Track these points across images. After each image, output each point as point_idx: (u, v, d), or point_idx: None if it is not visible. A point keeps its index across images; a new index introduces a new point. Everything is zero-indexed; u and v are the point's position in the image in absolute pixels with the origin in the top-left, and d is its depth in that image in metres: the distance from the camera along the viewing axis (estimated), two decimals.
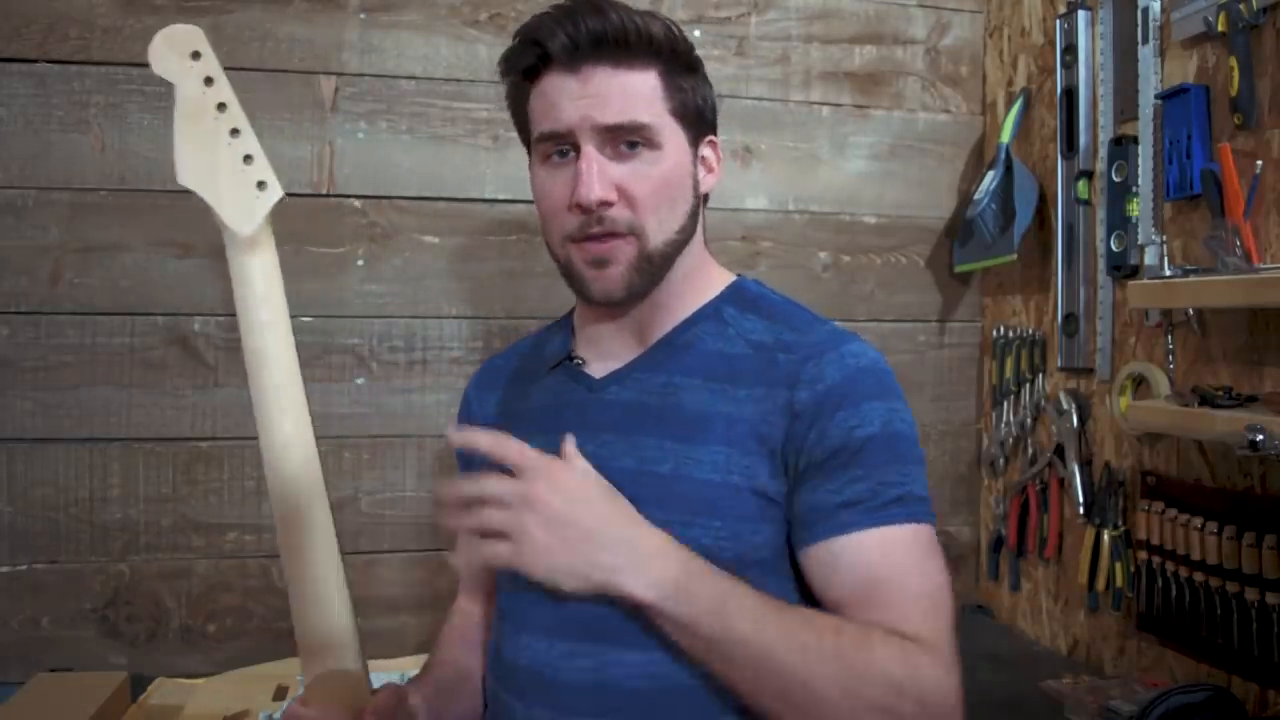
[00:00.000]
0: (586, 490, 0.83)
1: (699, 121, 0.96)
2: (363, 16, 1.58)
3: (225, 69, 1.53)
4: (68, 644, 1.48)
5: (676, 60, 0.93)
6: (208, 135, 0.85)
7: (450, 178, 1.61)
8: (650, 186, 0.90)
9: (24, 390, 1.47)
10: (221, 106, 0.85)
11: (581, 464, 0.85)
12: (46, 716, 1.23)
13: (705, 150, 0.98)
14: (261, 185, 0.86)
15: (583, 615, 0.85)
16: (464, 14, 1.61)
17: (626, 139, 0.89)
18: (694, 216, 0.96)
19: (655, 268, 0.92)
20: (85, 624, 1.49)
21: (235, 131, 0.85)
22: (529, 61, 0.91)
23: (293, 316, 1.54)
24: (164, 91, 1.52)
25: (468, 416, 1.10)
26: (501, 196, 1.62)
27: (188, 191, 1.54)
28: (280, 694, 1.36)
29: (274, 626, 1.55)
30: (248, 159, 0.85)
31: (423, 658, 1.20)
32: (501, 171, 1.61)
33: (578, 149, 0.89)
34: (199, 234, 1.53)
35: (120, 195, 1.50)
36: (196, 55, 0.86)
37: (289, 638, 1.55)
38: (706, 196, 1.01)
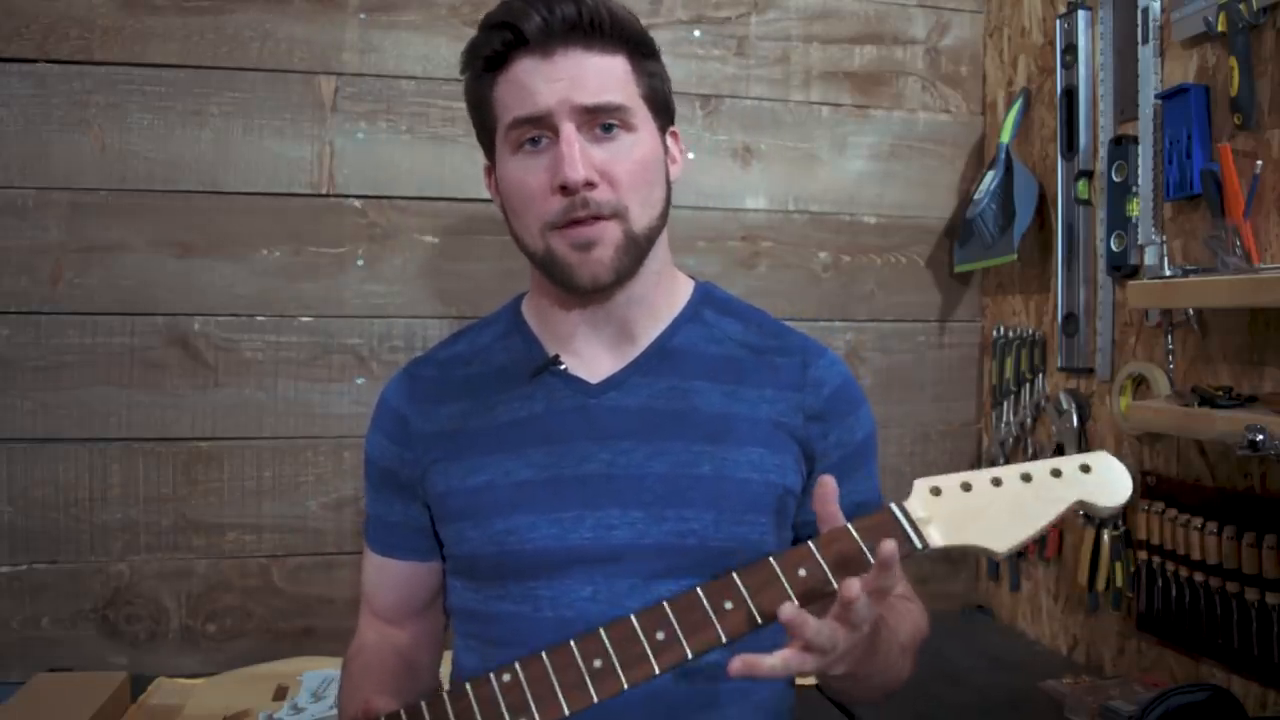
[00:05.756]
0: None
1: (665, 110, 0.95)
2: (363, 16, 1.58)
3: (225, 69, 1.55)
4: (68, 644, 1.49)
5: (642, 46, 0.91)
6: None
7: (450, 178, 1.61)
8: (630, 168, 0.88)
9: (24, 390, 1.47)
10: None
11: None
12: (46, 716, 1.23)
13: (669, 141, 0.96)
14: None
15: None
16: (464, 14, 1.61)
17: (604, 120, 0.87)
18: (668, 205, 0.95)
19: (640, 250, 0.91)
20: (85, 624, 1.49)
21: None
22: (497, 47, 0.88)
23: (292, 316, 1.57)
24: (164, 91, 1.54)
25: (403, 432, 0.97)
26: None
27: (188, 191, 1.55)
28: (280, 694, 1.37)
29: (274, 626, 1.55)
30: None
31: None
32: None
33: (555, 133, 0.86)
34: (199, 234, 1.53)
35: (120, 195, 1.50)
36: None
37: (289, 638, 1.56)
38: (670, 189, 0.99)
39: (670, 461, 0.89)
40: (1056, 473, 0.77)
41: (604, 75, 0.87)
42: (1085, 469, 0.77)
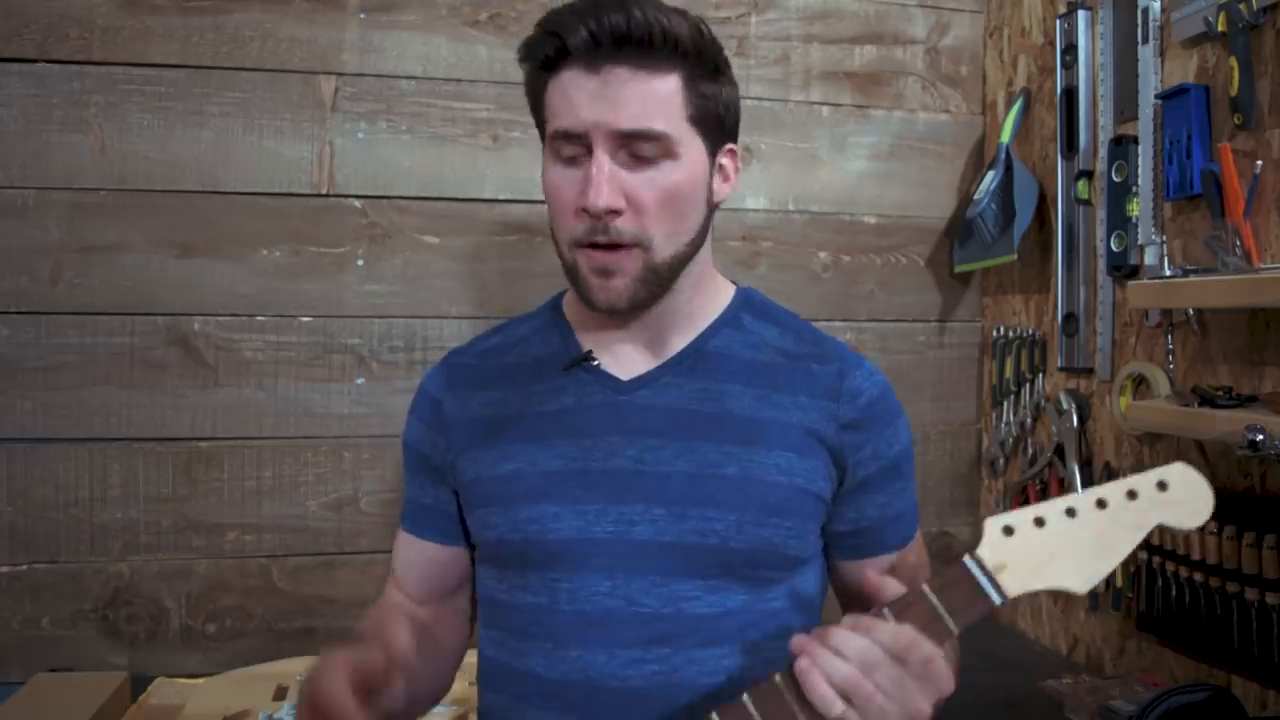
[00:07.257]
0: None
1: (719, 130, 0.92)
2: (363, 16, 1.58)
3: (225, 69, 1.55)
4: (68, 644, 1.49)
5: (702, 63, 0.88)
6: None
7: (450, 178, 1.61)
8: (660, 197, 0.87)
9: (24, 390, 1.47)
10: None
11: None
12: (46, 716, 1.23)
13: (723, 159, 0.94)
14: None
15: (648, 620, 0.86)
16: (464, 14, 1.61)
17: (640, 147, 0.86)
18: (705, 227, 0.94)
19: (662, 279, 0.90)
20: (85, 624, 1.49)
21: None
22: (546, 53, 0.87)
23: (292, 316, 1.58)
24: (164, 91, 1.54)
25: (438, 418, 0.99)
26: (501, 196, 1.62)
27: (188, 191, 1.55)
28: (280, 694, 1.36)
29: (274, 627, 1.55)
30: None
31: None
32: (501, 171, 1.61)
33: (590, 151, 0.86)
34: (199, 234, 1.53)
35: (120, 195, 1.50)
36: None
37: (289, 638, 1.56)
38: (717, 205, 0.97)
39: (697, 461, 0.89)
40: (1132, 494, 0.73)
41: (648, 100, 0.85)
42: (1162, 486, 0.73)
